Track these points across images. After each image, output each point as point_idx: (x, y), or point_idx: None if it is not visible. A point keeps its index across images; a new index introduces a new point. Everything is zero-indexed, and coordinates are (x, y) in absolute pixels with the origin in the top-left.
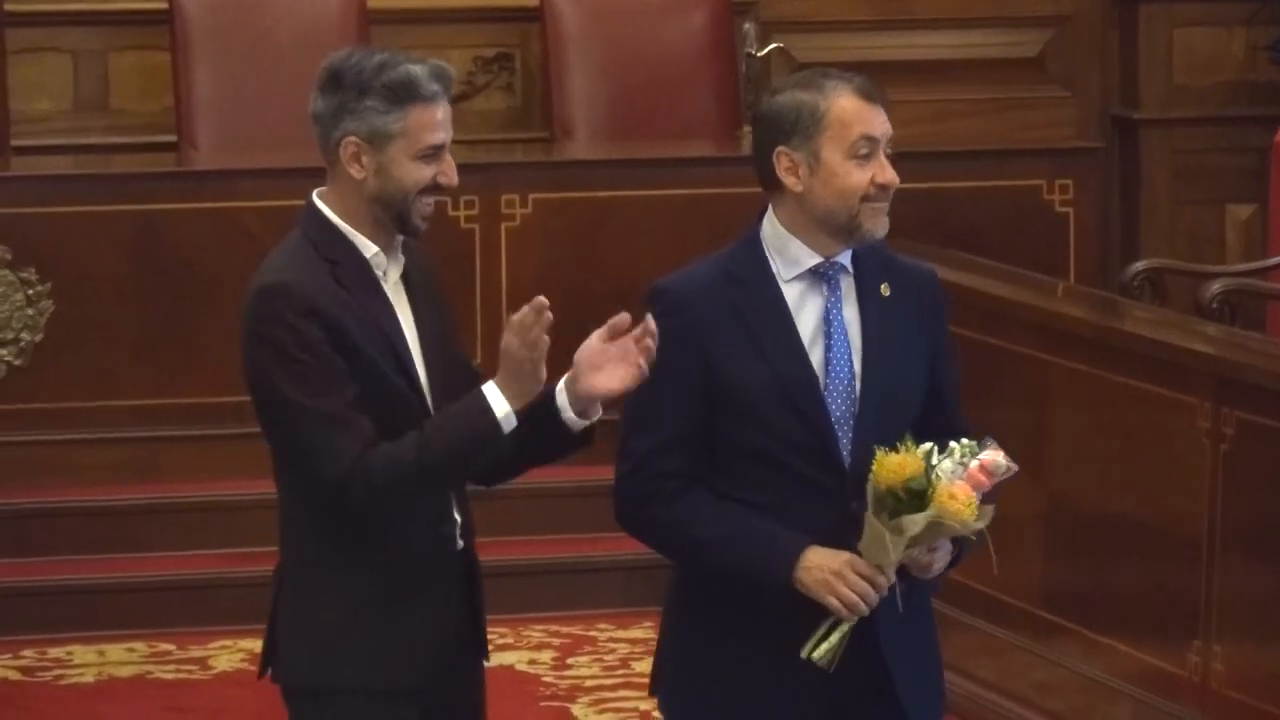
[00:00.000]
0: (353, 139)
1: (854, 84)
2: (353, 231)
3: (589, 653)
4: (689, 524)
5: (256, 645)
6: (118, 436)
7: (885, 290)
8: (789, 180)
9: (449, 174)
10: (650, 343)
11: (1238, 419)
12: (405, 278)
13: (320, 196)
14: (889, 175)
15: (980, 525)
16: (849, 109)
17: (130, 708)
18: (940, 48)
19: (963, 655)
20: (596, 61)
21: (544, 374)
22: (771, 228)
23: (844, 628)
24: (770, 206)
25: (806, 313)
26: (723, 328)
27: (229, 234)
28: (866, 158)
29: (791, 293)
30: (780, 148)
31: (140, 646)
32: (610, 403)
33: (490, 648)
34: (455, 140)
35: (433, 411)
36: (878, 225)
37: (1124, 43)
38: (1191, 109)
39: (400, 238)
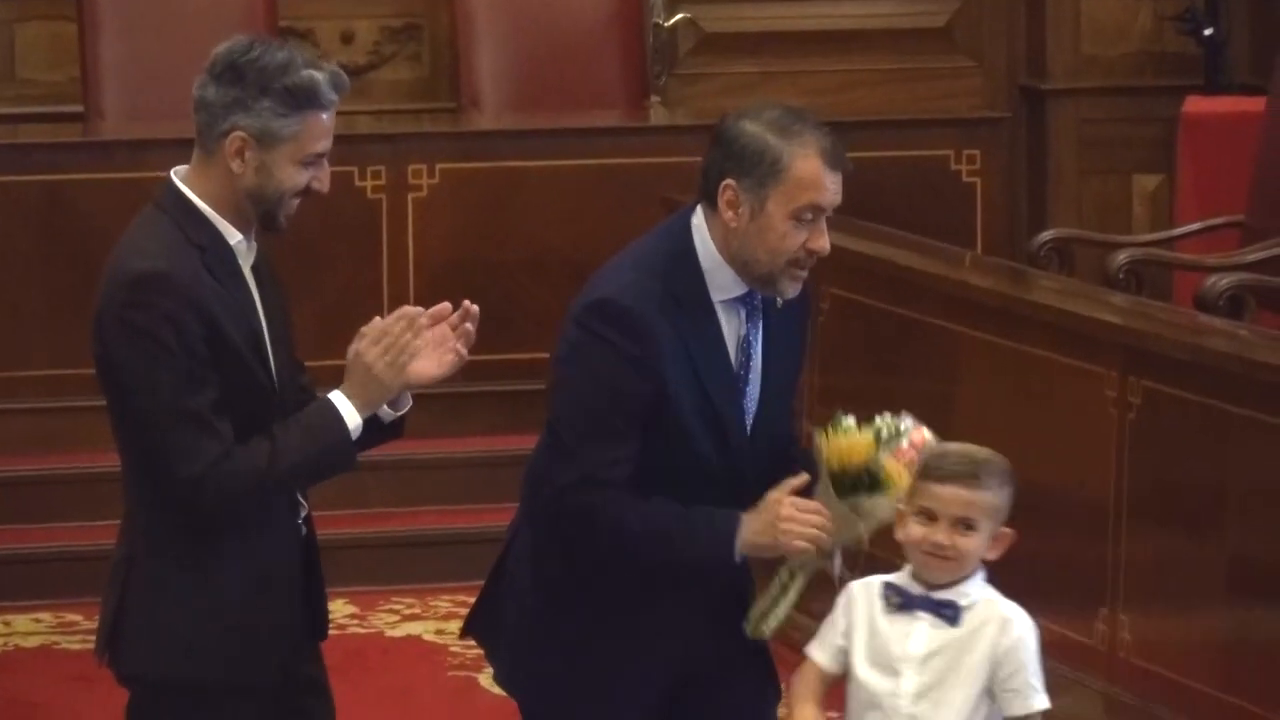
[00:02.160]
0: (241, 134)
1: (823, 146)
2: (217, 217)
3: None
4: (631, 521)
5: None
6: (26, 407)
7: (779, 301)
8: (727, 214)
9: (323, 181)
10: (470, 327)
11: (1144, 388)
12: (254, 268)
13: (181, 178)
14: (822, 243)
15: None
16: (810, 173)
17: (37, 678)
18: (847, 18)
19: None
20: (504, 32)
21: (399, 383)
22: (704, 247)
23: (791, 595)
24: (702, 215)
25: (728, 338)
26: (673, 356)
27: (136, 203)
28: (807, 222)
29: (719, 315)
30: (730, 180)
31: (46, 617)
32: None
33: (397, 618)
34: (364, 110)
35: (283, 407)
36: (791, 289)
37: (1031, 13)
38: (1099, 79)
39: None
